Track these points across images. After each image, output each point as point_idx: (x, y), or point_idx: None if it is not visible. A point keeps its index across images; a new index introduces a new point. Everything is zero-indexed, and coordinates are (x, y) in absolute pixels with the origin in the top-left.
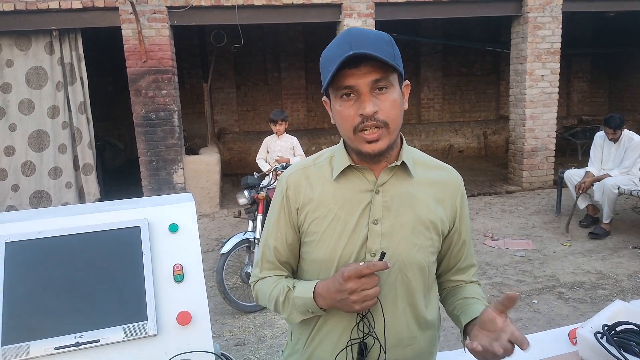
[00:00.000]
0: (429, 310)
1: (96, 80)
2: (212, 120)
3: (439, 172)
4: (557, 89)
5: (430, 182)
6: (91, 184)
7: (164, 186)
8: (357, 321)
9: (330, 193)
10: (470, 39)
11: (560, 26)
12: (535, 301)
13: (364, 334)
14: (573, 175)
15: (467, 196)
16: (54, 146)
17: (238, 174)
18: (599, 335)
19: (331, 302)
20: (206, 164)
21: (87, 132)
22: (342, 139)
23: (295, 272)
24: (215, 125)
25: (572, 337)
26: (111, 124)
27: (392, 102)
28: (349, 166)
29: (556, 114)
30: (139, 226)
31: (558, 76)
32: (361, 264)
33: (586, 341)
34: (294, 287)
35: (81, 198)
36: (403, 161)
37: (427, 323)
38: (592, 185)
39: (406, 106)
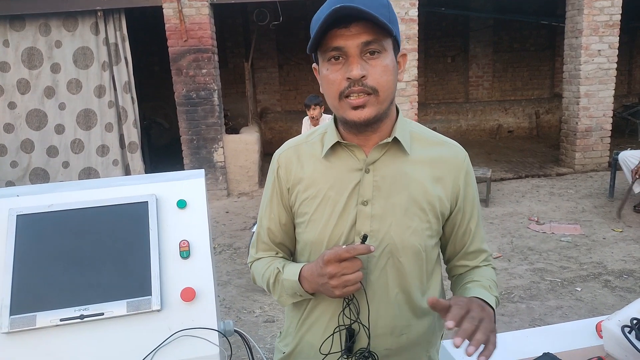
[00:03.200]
0: (425, 297)
1: (144, 60)
2: (255, 99)
3: (439, 148)
4: (615, 65)
5: (429, 160)
6: (136, 161)
7: (205, 164)
8: (343, 307)
9: (320, 172)
10: (523, 12)
11: None
12: (579, 289)
13: (351, 321)
14: (629, 157)
15: (512, 178)
16: (101, 125)
17: None
18: (626, 330)
19: (315, 286)
20: (245, 143)
21: (132, 111)
22: (334, 114)
23: (293, 253)
24: (257, 105)
25: (599, 329)
26: (157, 104)
27: (384, 67)
28: (339, 143)
29: (613, 91)
30: (147, 201)
31: (617, 51)
32: (343, 247)
33: (612, 335)
34: (283, 268)
35: (127, 175)
36: (396, 137)
37: (423, 311)
38: None
39: (401, 77)
